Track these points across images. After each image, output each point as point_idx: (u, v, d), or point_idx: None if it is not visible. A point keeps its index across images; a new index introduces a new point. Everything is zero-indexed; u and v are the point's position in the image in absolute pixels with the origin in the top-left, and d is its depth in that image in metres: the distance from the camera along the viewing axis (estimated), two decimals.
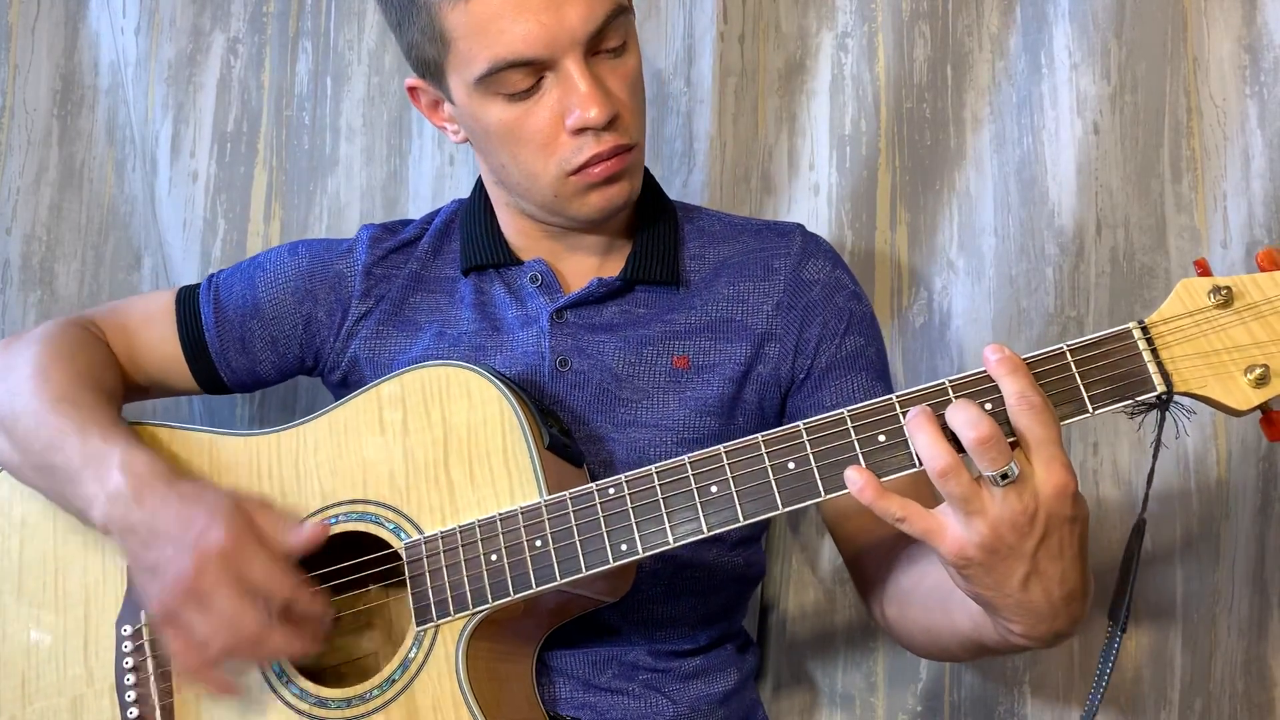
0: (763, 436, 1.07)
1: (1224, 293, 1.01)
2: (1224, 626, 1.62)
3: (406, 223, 1.47)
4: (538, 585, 1.12)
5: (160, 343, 1.43)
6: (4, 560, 1.31)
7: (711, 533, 1.08)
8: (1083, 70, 1.65)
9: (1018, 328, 1.65)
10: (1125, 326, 1.02)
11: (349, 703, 1.17)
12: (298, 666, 1.20)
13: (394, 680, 1.16)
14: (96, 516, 1.20)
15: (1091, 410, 1.01)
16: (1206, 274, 1.03)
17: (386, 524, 1.20)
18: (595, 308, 1.35)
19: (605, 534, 1.11)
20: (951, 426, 0.98)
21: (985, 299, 1.67)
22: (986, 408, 1.00)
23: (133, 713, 1.23)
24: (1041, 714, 1.63)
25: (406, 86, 1.36)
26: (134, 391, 1.43)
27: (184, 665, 1.14)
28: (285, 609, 1.12)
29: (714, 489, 1.08)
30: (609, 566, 1.11)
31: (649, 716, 1.31)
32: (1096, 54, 1.65)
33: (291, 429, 1.27)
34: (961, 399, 1.00)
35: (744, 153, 1.73)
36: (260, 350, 1.42)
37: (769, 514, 1.06)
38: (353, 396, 1.26)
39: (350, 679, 1.24)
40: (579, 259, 1.39)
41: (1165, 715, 1.62)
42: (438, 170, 1.77)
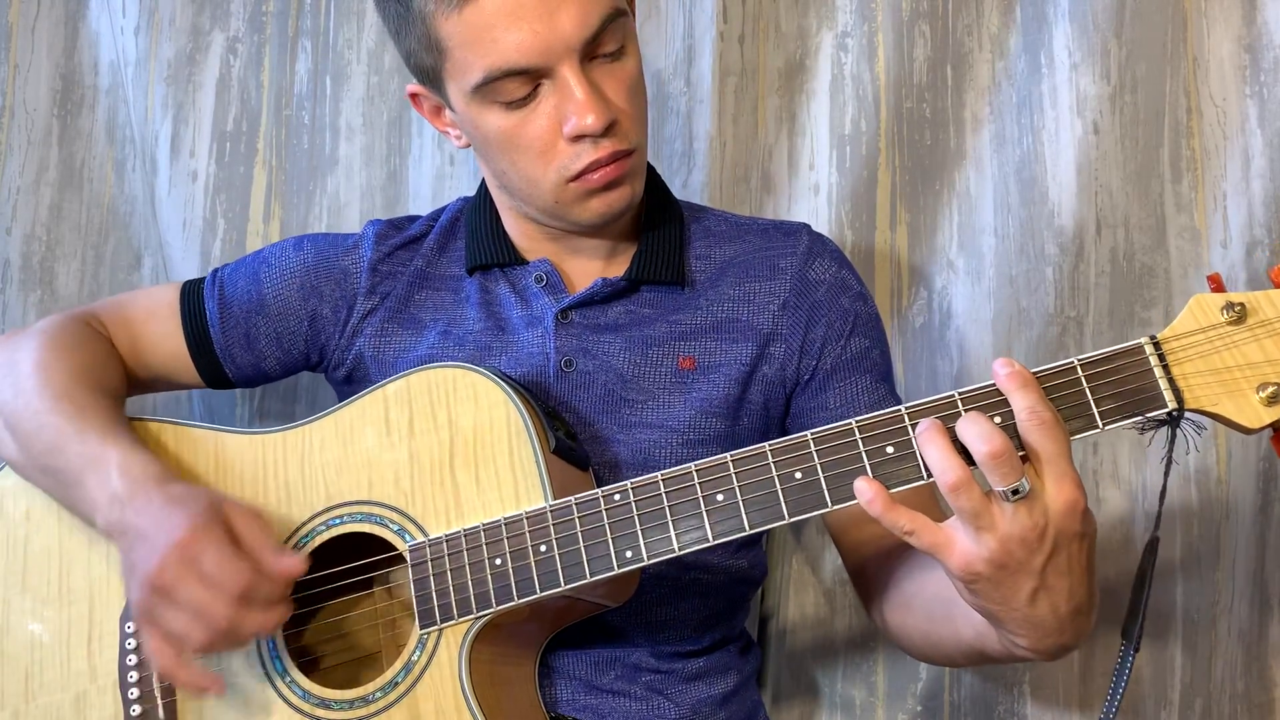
0: (770, 446, 1.07)
1: (1237, 309, 1.00)
2: (1224, 627, 1.63)
3: (412, 219, 1.47)
4: (542, 590, 1.12)
5: (164, 338, 1.43)
6: (10, 555, 1.31)
7: (717, 541, 1.08)
8: (1083, 70, 1.65)
9: (1018, 328, 1.66)
10: (1137, 342, 1.01)
11: (351, 704, 1.17)
12: (300, 666, 1.21)
13: (396, 683, 1.16)
14: (100, 521, 1.20)
15: (1101, 426, 1.01)
16: (1220, 289, 1.02)
17: (391, 525, 1.20)
18: (600, 308, 1.35)
19: (610, 540, 1.11)
20: (963, 440, 0.98)
21: (985, 299, 1.67)
22: (995, 421, 1.00)
23: (135, 710, 1.23)
24: (1041, 714, 1.64)
25: (408, 93, 1.36)
26: (136, 386, 1.43)
27: (161, 664, 1.14)
28: (245, 595, 1.11)
29: (720, 497, 1.08)
30: (613, 573, 1.11)
31: (650, 718, 1.31)
32: (1096, 54, 1.65)
33: (297, 428, 1.27)
34: (973, 411, 1.00)
35: (744, 153, 1.73)
36: (265, 346, 1.42)
37: (775, 524, 1.06)
38: (359, 396, 1.26)
39: (353, 680, 1.24)
40: (584, 259, 1.38)
41: (1165, 715, 1.62)
42: (438, 170, 1.77)
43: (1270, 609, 1.63)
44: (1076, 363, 1.01)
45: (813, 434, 1.06)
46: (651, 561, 1.10)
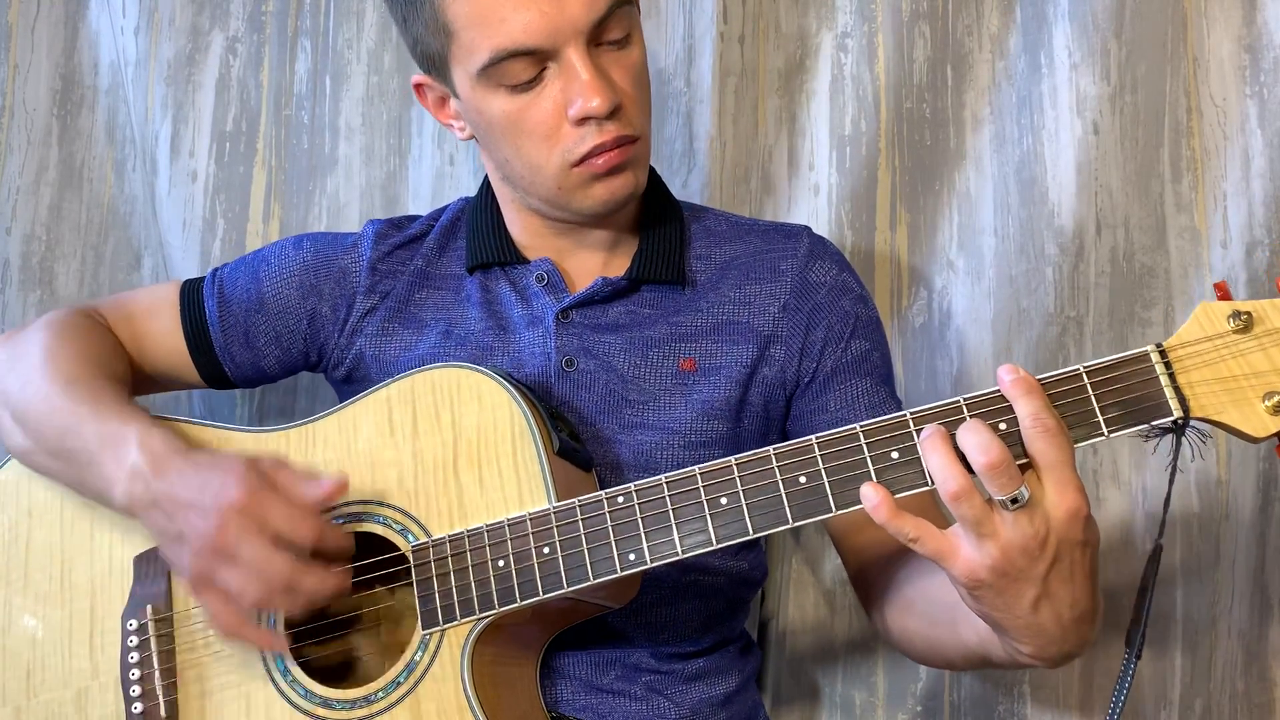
0: (774, 449, 1.07)
1: (1244, 318, 1.00)
2: (1224, 627, 1.63)
3: (412, 218, 1.47)
4: (545, 593, 1.13)
5: (164, 335, 1.43)
6: (12, 551, 1.32)
7: (720, 545, 1.08)
8: (1083, 70, 1.65)
9: (1018, 328, 1.66)
10: (1143, 350, 1.01)
11: (353, 704, 1.17)
12: (302, 665, 1.21)
13: (399, 683, 1.17)
14: (118, 496, 1.20)
15: (1106, 434, 1.00)
16: (1227, 298, 1.02)
17: (394, 526, 1.20)
18: (601, 307, 1.35)
19: (614, 543, 1.11)
20: (962, 449, 0.98)
21: (985, 299, 1.67)
22: (1001, 427, 1.00)
23: (137, 707, 1.24)
24: (1041, 715, 1.64)
25: (413, 84, 1.36)
26: (138, 383, 1.43)
27: (223, 625, 1.15)
28: (313, 550, 1.12)
29: (724, 501, 1.08)
30: (616, 576, 1.11)
31: (651, 718, 1.31)
32: (1096, 54, 1.65)
33: (301, 426, 1.28)
34: (973, 420, 0.99)
35: (744, 153, 1.73)
36: (264, 345, 1.42)
37: (779, 528, 1.06)
38: (362, 396, 1.26)
39: (355, 680, 1.24)
40: (585, 257, 1.39)
41: (1165, 715, 1.63)
42: (437, 170, 1.77)
43: (1270, 609, 1.63)
44: (1082, 370, 1.01)
45: (817, 438, 1.05)
46: (655, 565, 1.10)
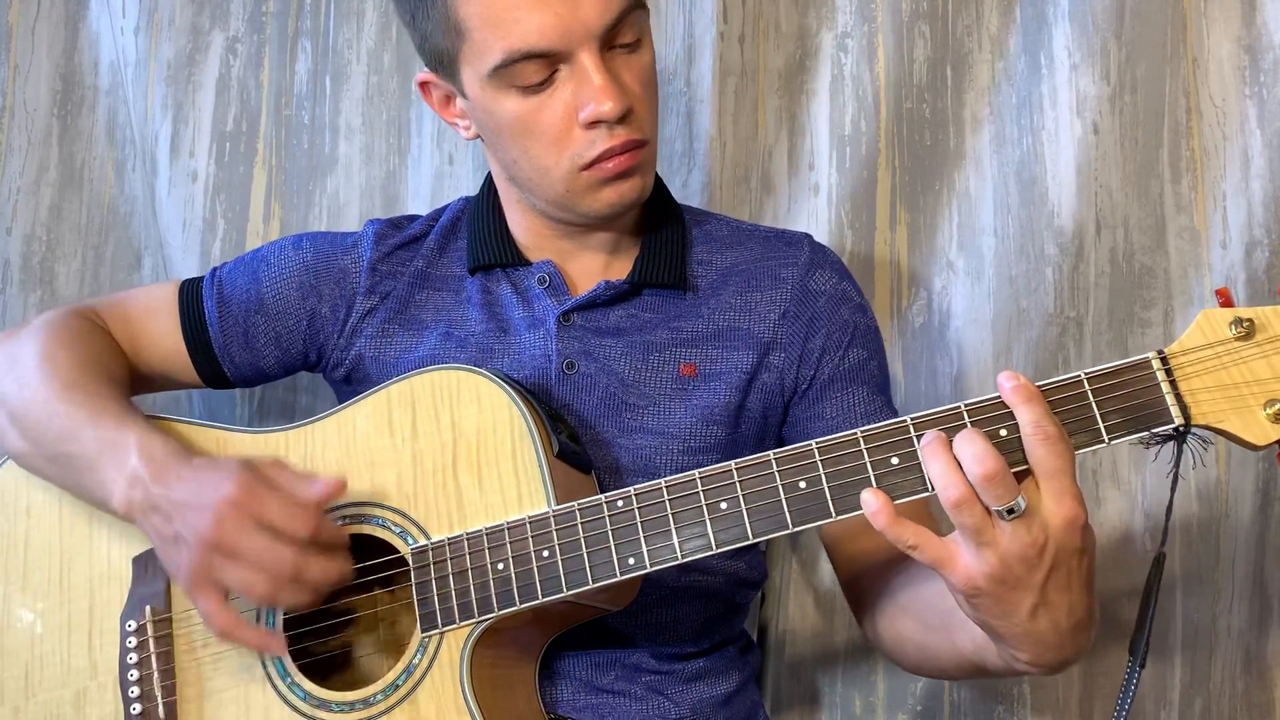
0: (774, 454, 1.06)
1: (1246, 325, 0.99)
2: (1224, 626, 1.63)
3: (412, 218, 1.46)
4: (544, 596, 1.12)
5: (162, 335, 1.42)
6: (11, 552, 1.32)
7: (720, 550, 1.08)
8: (1083, 70, 1.65)
9: (1018, 328, 1.66)
10: (1144, 356, 1.01)
11: (352, 706, 1.17)
12: (301, 668, 1.21)
13: (397, 686, 1.17)
14: (116, 502, 1.20)
15: (1107, 440, 1.00)
16: (1229, 304, 1.01)
17: (393, 528, 1.20)
18: (602, 310, 1.35)
19: (613, 547, 1.11)
20: (958, 458, 0.97)
21: (985, 299, 1.67)
22: (1001, 434, 1.00)
23: (136, 708, 1.24)
24: (1042, 714, 1.64)
25: (418, 82, 1.36)
26: (137, 383, 1.42)
27: (219, 625, 1.15)
28: (312, 540, 1.12)
29: (724, 505, 1.08)
30: (616, 580, 1.11)
31: (651, 718, 1.31)
32: (1096, 54, 1.65)
33: (301, 427, 1.28)
34: (970, 430, 0.99)
35: (744, 153, 1.73)
36: (263, 345, 1.42)
37: (779, 533, 1.06)
38: (362, 397, 1.26)
39: (354, 682, 1.24)
40: (586, 260, 1.39)
41: (1165, 715, 1.63)
42: (437, 170, 1.77)
43: (1270, 610, 1.63)
44: (1083, 376, 1.00)
45: (818, 443, 1.05)
46: (654, 569, 1.10)
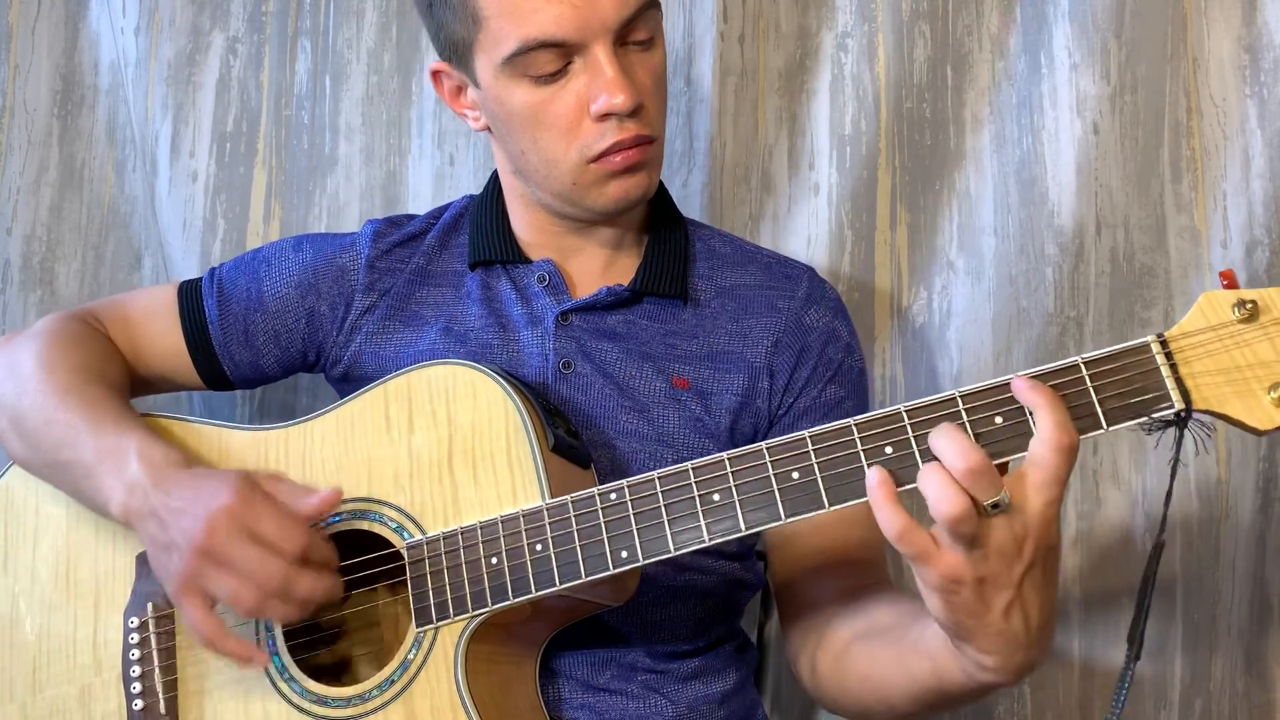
0: (766, 445, 1.06)
1: (1249, 307, 0.96)
2: (1224, 627, 1.62)
3: (411, 217, 1.47)
4: (537, 590, 1.12)
5: (162, 336, 1.43)
6: (19, 549, 1.32)
7: (713, 541, 1.07)
8: (1083, 70, 1.65)
9: (1018, 328, 1.65)
10: (1144, 340, 0.99)
11: (349, 701, 1.17)
12: (299, 663, 1.21)
13: (393, 681, 1.16)
14: (116, 509, 1.20)
15: (1106, 427, 0.98)
16: (1233, 286, 0.98)
17: (390, 523, 1.20)
18: (601, 314, 1.35)
19: (606, 540, 1.11)
20: (935, 453, 0.95)
21: (985, 299, 1.67)
22: (997, 420, 0.99)
23: (137, 704, 1.24)
24: (1041, 714, 1.64)
25: (430, 71, 1.36)
26: (137, 385, 1.43)
27: (204, 634, 1.15)
28: (303, 556, 1.12)
29: (716, 497, 1.07)
30: (609, 573, 1.11)
31: (648, 716, 1.30)
32: (1096, 54, 1.65)
33: (299, 424, 1.28)
34: (946, 425, 0.97)
35: (744, 153, 1.73)
36: (263, 344, 1.42)
37: (772, 524, 1.05)
38: (360, 393, 1.26)
39: (354, 678, 1.24)
40: (587, 260, 1.39)
41: (1165, 715, 1.62)
42: (437, 170, 1.77)
43: (1270, 609, 1.63)
44: (1080, 362, 0.99)
45: (810, 433, 1.05)
46: (647, 562, 1.09)
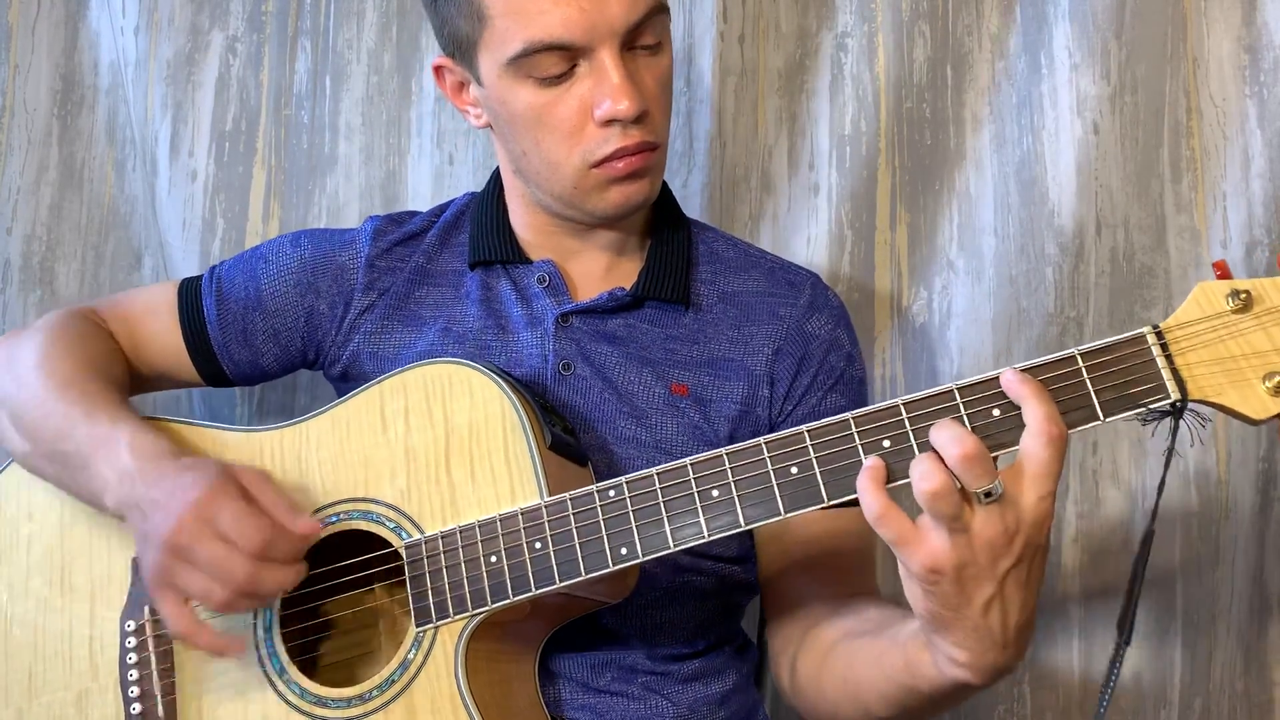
0: (765, 440, 1.06)
1: (1243, 297, 0.97)
2: (1224, 626, 1.62)
3: (412, 214, 1.46)
4: (536, 588, 1.12)
5: (162, 334, 1.43)
6: (13, 554, 1.32)
7: (712, 537, 1.07)
8: (1083, 70, 1.65)
9: (1018, 328, 1.65)
10: (1139, 331, 0.99)
11: (348, 702, 1.17)
12: (298, 665, 1.21)
13: (393, 681, 1.16)
14: (109, 500, 1.20)
15: (1103, 418, 0.98)
16: (1226, 276, 0.99)
17: (387, 523, 1.20)
18: (602, 317, 1.35)
19: (605, 537, 1.10)
20: (935, 446, 0.95)
21: (985, 299, 1.67)
22: (994, 413, 0.99)
23: (135, 708, 1.24)
24: (1042, 714, 1.63)
25: (433, 66, 1.36)
26: (137, 383, 1.43)
27: (178, 628, 1.14)
28: (264, 551, 1.11)
29: (715, 493, 1.07)
30: (608, 570, 1.10)
31: (649, 718, 1.30)
32: (1096, 54, 1.65)
33: (295, 425, 1.28)
34: (945, 420, 0.97)
35: (744, 153, 1.73)
36: (262, 343, 1.42)
37: (771, 519, 1.05)
38: (356, 393, 1.26)
39: (351, 678, 1.24)
40: (588, 261, 1.39)
41: (1165, 715, 1.62)
42: (437, 170, 1.77)
43: (1270, 609, 1.63)
44: (1077, 353, 0.99)
45: (808, 428, 1.04)
46: (647, 558, 1.09)
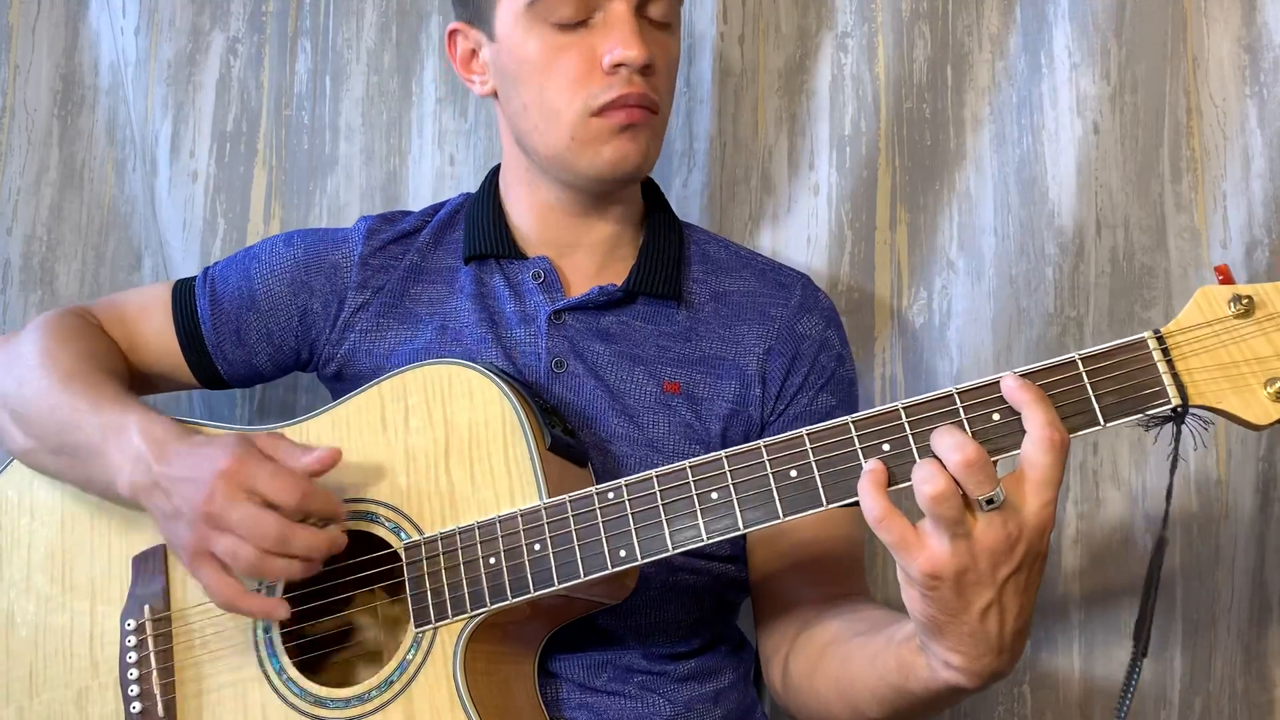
0: (764, 443, 1.06)
1: (1245, 302, 0.97)
2: (1224, 626, 1.62)
3: (405, 213, 1.47)
4: (535, 590, 1.12)
5: (156, 335, 1.43)
6: (14, 553, 1.32)
7: (711, 540, 1.07)
8: (1083, 70, 1.65)
9: (1018, 328, 1.65)
10: (1140, 336, 0.99)
11: (348, 702, 1.17)
12: (297, 664, 1.21)
13: (392, 681, 1.16)
14: (122, 485, 1.21)
15: (1103, 423, 0.98)
16: (1229, 281, 0.98)
17: (387, 524, 1.20)
18: (594, 314, 1.35)
19: (604, 539, 1.11)
20: (936, 452, 0.95)
21: (985, 299, 1.67)
22: (994, 418, 0.99)
23: (135, 707, 1.24)
24: (1042, 714, 1.63)
25: (447, 31, 1.40)
26: (134, 383, 1.43)
27: (220, 596, 1.15)
28: (304, 504, 1.13)
29: (714, 495, 1.07)
30: (607, 572, 1.11)
31: (646, 716, 1.30)
32: (1096, 54, 1.64)
33: (295, 425, 1.28)
34: (946, 425, 0.98)
35: (744, 153, 1.73)
36: (256, 343, 1.42)
37: (770, 522, 1.05)
38: (356, 393, 1.26)
39: (351, 678, 1.24)
40: (583, 258, 1.39)
41: (1165, 715, 1.62)
42: (437, 170, 1.77)
43: (1270, 609, 1.63)
44: (1077, 358, 0.99)
45: (808, 431, 1.05)
46: (646, 560, 1.09)
